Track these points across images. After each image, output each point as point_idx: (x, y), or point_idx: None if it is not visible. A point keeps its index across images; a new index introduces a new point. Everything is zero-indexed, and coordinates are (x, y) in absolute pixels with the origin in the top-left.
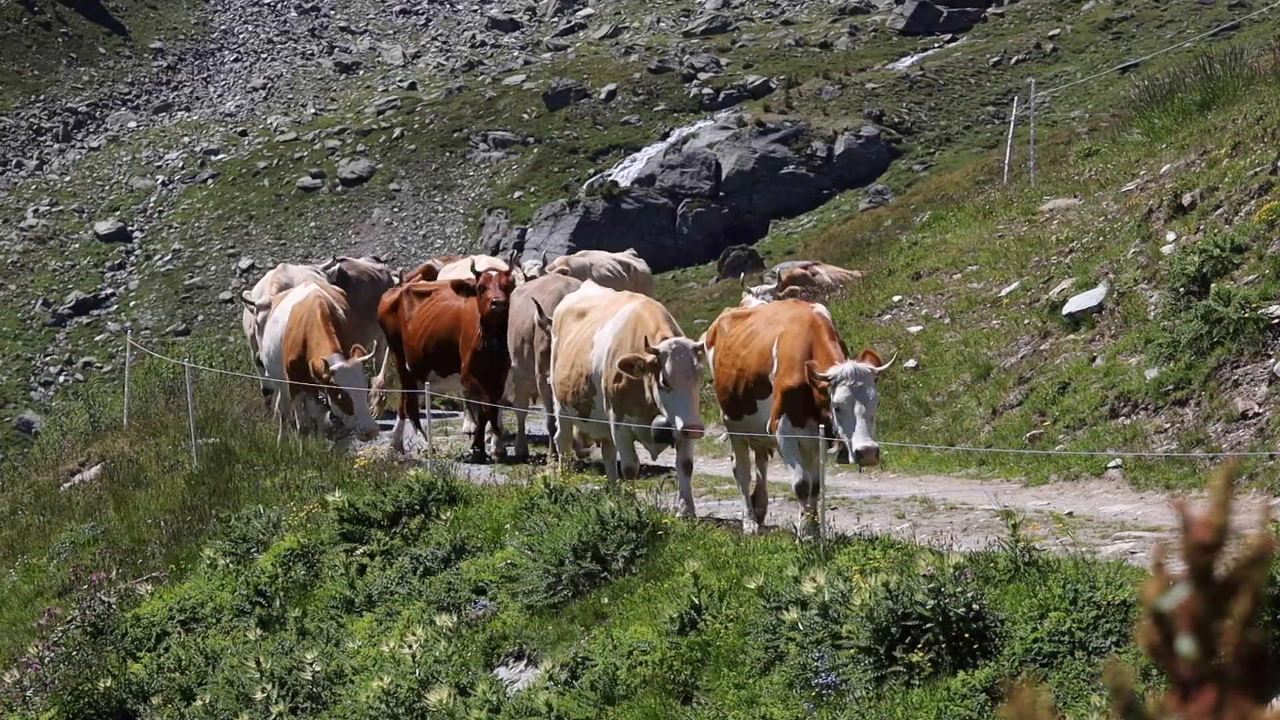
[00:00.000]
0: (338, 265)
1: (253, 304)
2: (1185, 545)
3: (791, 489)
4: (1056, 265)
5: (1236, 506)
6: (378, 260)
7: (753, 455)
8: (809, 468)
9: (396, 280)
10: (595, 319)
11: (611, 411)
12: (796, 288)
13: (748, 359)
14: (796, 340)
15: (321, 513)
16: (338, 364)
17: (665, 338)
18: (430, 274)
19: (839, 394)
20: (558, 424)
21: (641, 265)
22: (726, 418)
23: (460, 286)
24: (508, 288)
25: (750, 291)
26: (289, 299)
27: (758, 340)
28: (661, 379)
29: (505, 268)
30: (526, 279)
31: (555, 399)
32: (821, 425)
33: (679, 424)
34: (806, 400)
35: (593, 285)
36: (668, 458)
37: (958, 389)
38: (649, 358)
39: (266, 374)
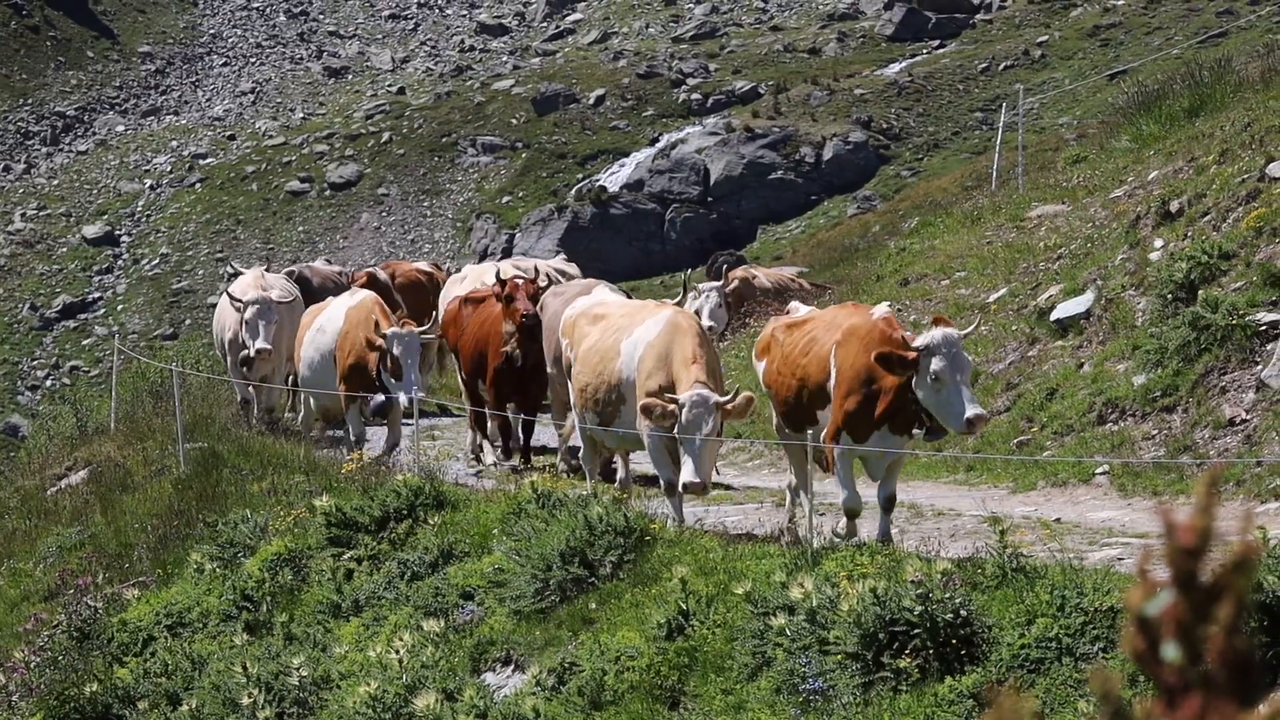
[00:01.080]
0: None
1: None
2: (1169, 551)
3: (840, 508)
4: (1044, 271)
5: (1222, 513)
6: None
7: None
8: (883, 478)
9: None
10: (619, 325)
11: (646, 422)
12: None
13: (808, 369)
14: (855, 348)
15: (309, 517)
16: (391, 330)
17: (698, 363)
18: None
19: (935, 363)
20: (579, 437)
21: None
22: (787, 429)
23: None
24: (535, 296)
25: (696, 288)
26: (336, 305)
27: (817, 349)
28: (675, 428)
29: (529, 275)
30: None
31: (575, 409)
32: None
33: (684, 476)
34: (869, 410)
35: (605, 290)
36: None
37: None
38: (670, 407)
39: (298, 385)
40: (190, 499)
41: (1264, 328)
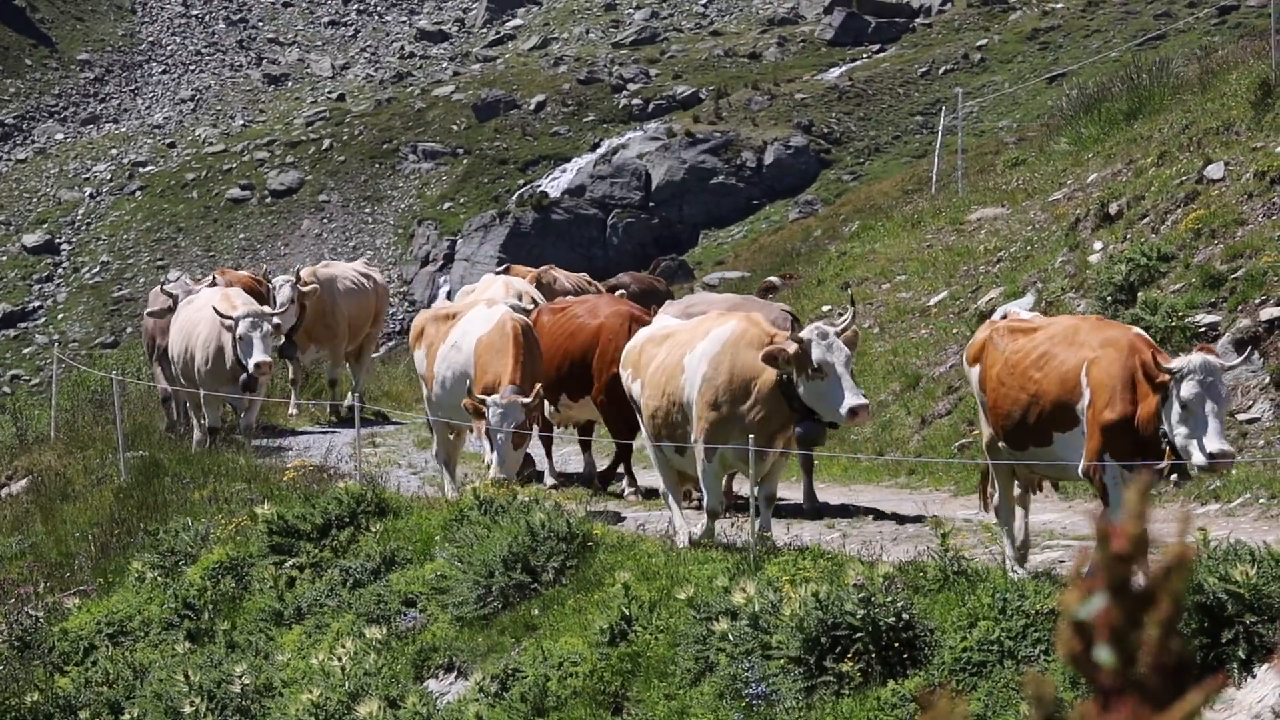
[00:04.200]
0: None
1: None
2: (1103, 557)
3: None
4: (985, 274)
5: (1160, 515)
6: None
7: (1018, 489)
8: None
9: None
10: (682, 340)
11: (700, 443)
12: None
13: (1044, 384)
14: (1114, 367)
15: (250, 525)
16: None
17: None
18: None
19: (1186, 389)
20: (656, 467)
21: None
22: (1003, 445)
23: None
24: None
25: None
26: (472, 322)
27: (1057, 364)
28: (810, 370)
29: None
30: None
31: (649, 439)
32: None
33: (848, 405)
34: (1132, 434)
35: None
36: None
37: (887, 398)
38: (791, 347)
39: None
40: (131, 508)
41: (1203, 329)
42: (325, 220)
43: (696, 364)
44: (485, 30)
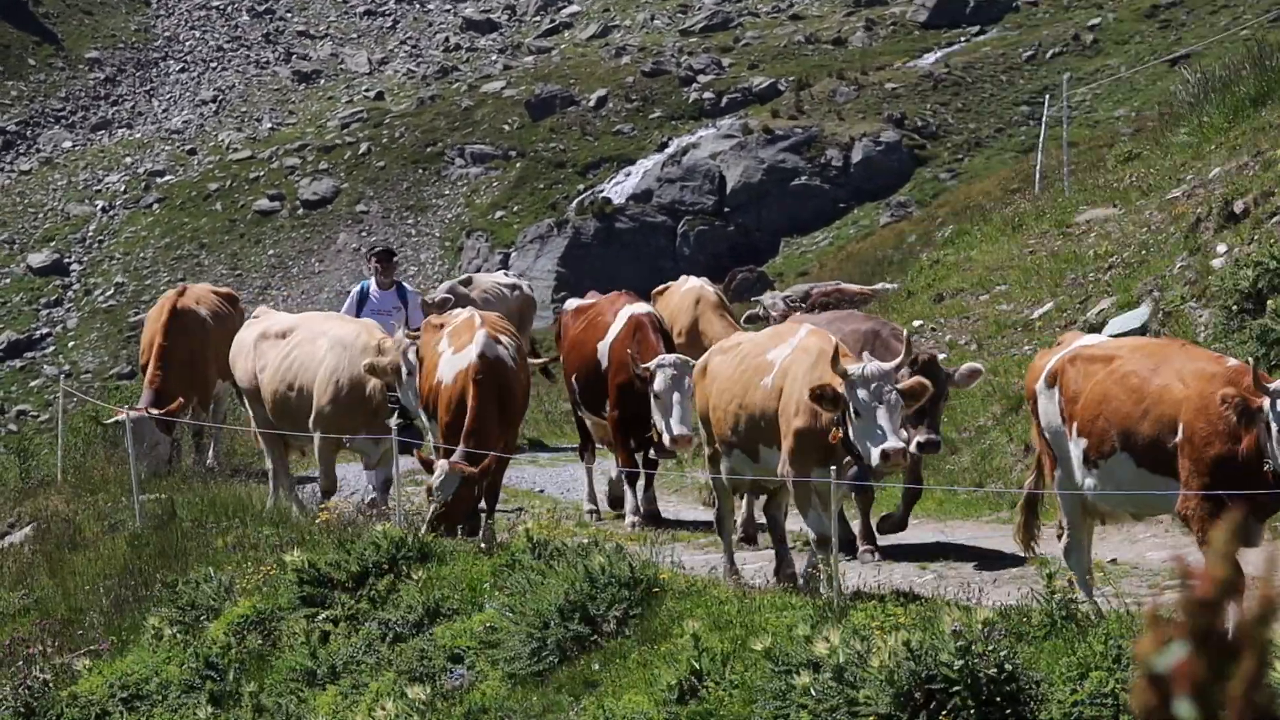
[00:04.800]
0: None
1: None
2: (1185, 602)
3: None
4: (1094, 283)
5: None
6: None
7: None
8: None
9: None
10: (763, 344)
11: (790, 465)
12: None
13: (1141, 416)
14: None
15: (279, 574)
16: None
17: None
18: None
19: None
20: (717, 491)
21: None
22: (1092, 482)
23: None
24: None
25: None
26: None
27: (1153, 394)
28: (854, 409)
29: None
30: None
31: (710, 446)
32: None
33: (880, 447)
34: (1233, 467)
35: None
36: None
37: (986, 423)
38: (838, 384)
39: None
40: (147, 557)
41: None
42: (364, 233)
43: (776, 376)
44: (539, 18)
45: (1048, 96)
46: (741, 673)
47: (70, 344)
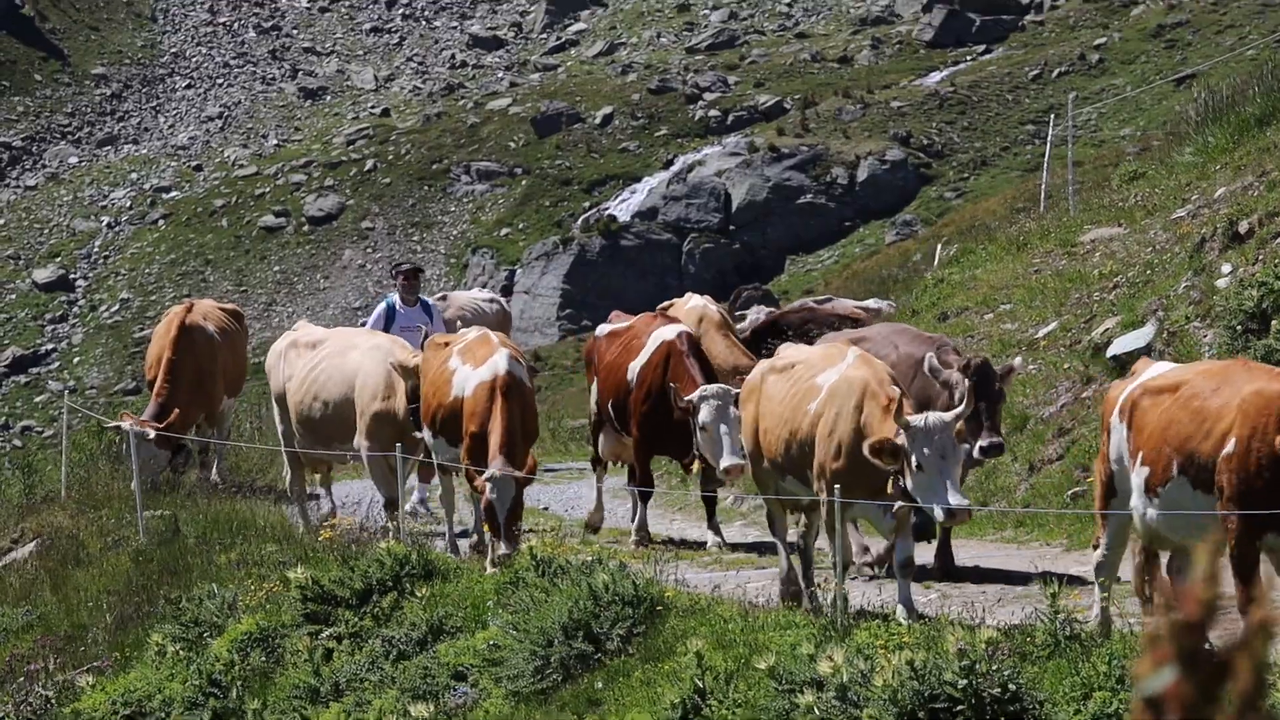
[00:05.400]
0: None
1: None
2: (1170, 625)
3: None
4: (1099, 303)
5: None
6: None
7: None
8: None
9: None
10: (815, 366)
11: (825, 487)
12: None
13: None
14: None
15: (282, 591)
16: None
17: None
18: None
19: None
20: (771, 508)
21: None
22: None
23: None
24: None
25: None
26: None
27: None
28: (915, 462)
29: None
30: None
31: (759, 465)
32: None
33: (948, 504)
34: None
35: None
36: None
37: None
38: (898, 439)
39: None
40: (151, 573)
41: None
42: (369, 250)
43: (820, 402)
44: (545, 36)
45: (1053, 116)
46: (745, 691)
47: (75, 360)
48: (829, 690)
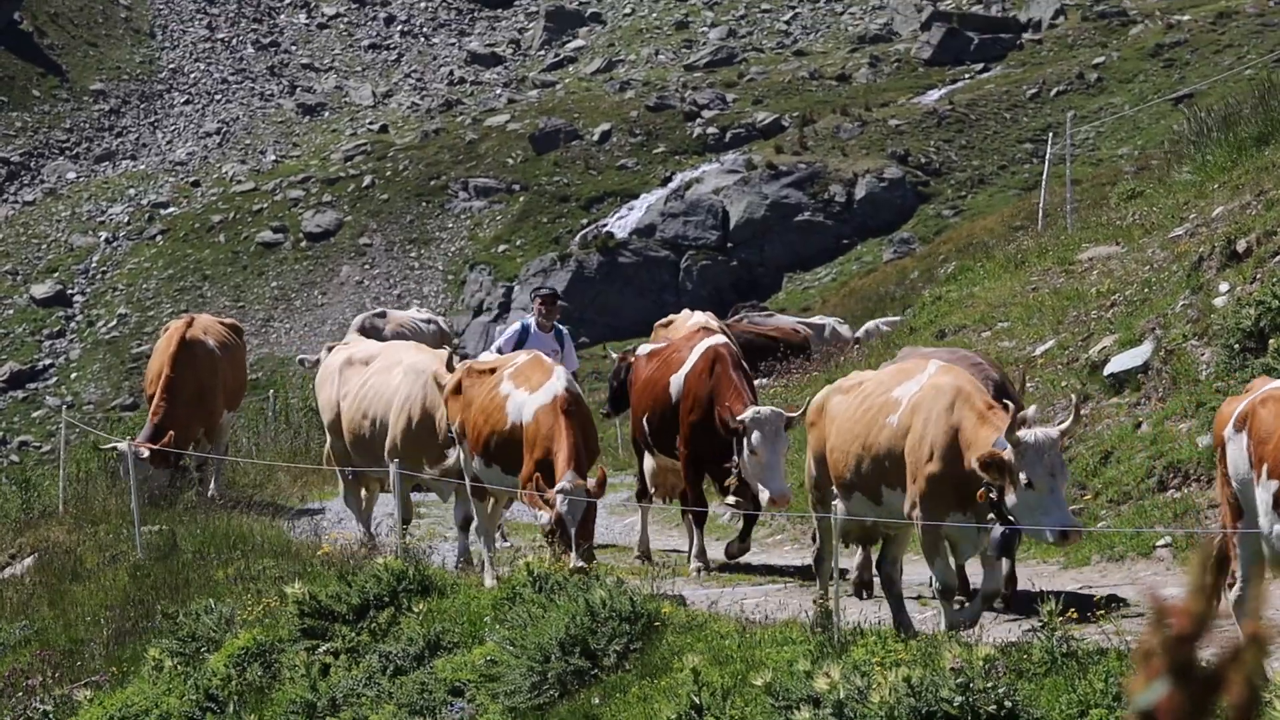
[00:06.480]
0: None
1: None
2: (1161, 639)
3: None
4: (1097, 321)
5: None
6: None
7: None
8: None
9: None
10: (887, 382)
11: (920, 510)
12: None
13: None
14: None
15: (280, 606)
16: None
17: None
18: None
19: None
20: (824, 533)
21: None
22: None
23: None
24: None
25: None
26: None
27: None
28: (1025, 479)
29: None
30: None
31: (819, 489)
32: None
33: (1060, 525)
34: None
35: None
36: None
37: None
38: (1007, 454)
39: None
40: (148, 588)
41: None
42: (367, 266)
43: (904, 414)
44: (543, 52)
45: (1051, 134)
46: (742, 708)
47: (73, 375)
48: (825, 707)
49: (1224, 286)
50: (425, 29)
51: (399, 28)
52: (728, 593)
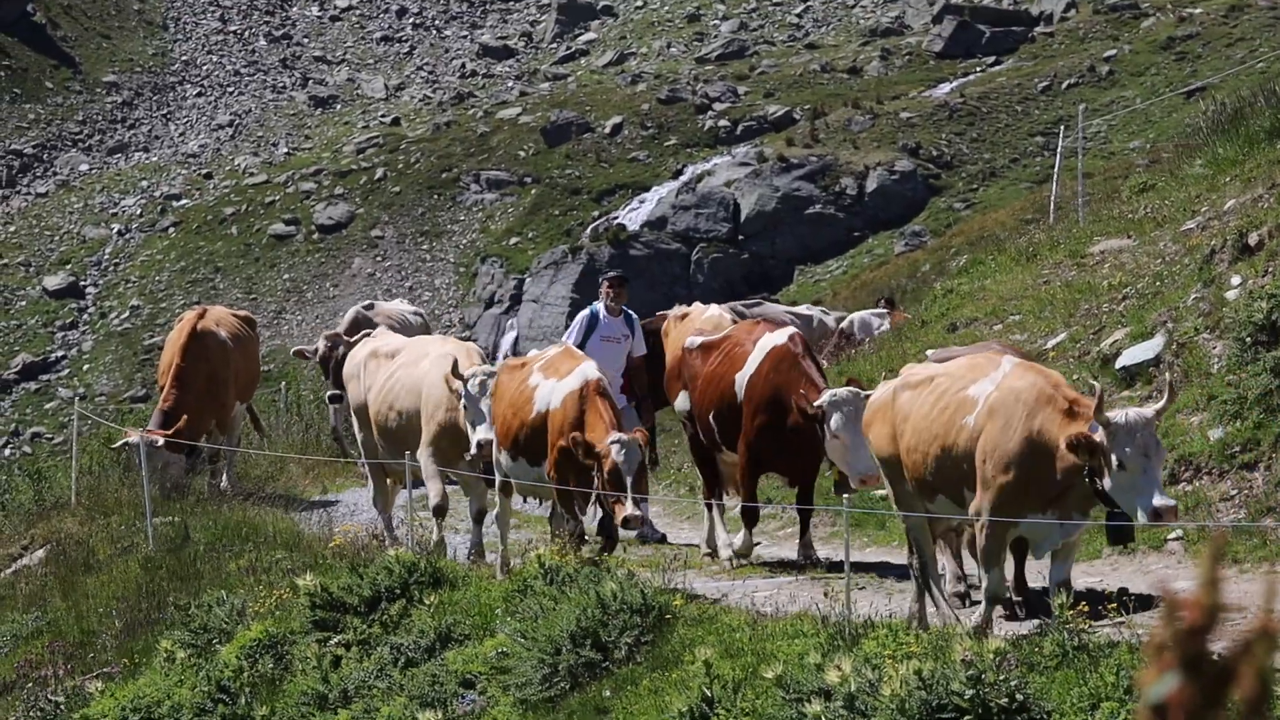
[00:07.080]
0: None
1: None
2: (1173, 631)
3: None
4: (1108, 314)
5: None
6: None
7: None
8: None
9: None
10: (960, 377)
11: (984, 514)
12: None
13: None
14: None
15: (291, 598)
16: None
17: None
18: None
19: None
20: (914, 534)
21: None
22: None
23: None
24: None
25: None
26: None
27: None
28: (1116, 461)
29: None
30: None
31: (897, 487)
32: None
33: (1154, 504)
34: None
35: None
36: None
37: None
38: (1098, 435)
39: None
40: (160, 579)
41: None
42: (379, 258)
43: (980, 416)
44: (555, 45)
45: (1063, 127)
46: (753, 700)
47: (85, 367)
48: (837, 700)
49: (1236, 280)
50: (437, 21)
51: (411, 20)
52: (739, 585)
